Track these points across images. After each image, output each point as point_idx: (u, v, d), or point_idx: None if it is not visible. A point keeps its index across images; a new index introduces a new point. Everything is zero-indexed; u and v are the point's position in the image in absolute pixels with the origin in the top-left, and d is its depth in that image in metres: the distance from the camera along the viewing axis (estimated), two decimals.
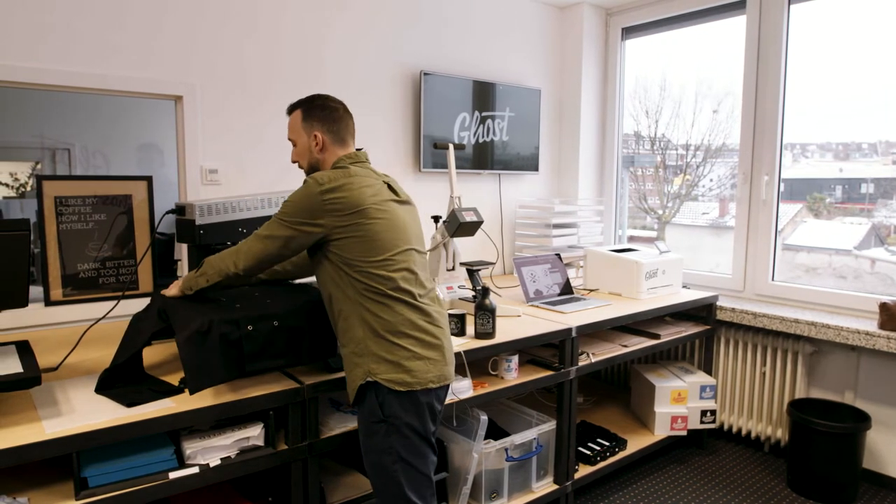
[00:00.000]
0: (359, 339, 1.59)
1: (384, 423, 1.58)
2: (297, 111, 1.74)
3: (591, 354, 2.55)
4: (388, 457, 1.58)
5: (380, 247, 1.60)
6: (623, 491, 2.77)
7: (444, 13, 3.24)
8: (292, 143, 1.77)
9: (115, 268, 2.33)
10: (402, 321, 1.60)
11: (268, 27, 2.63)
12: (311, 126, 1.72)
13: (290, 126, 1.77)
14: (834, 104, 3.02)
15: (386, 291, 1.59)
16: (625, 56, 3.85)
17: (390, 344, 1.58)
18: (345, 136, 1.75)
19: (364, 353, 1.58)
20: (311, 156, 1.73)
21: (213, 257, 1.68)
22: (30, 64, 2.12)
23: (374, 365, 1.57)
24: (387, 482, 1.59)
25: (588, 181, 3.91)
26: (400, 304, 1.60)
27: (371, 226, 1.59)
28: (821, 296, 2.98)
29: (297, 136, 1.75)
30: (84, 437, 1.35)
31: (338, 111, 1.74)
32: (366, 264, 1.58)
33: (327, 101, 1.75)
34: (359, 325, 1.59)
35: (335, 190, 1.57)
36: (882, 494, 2.75)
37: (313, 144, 1.72)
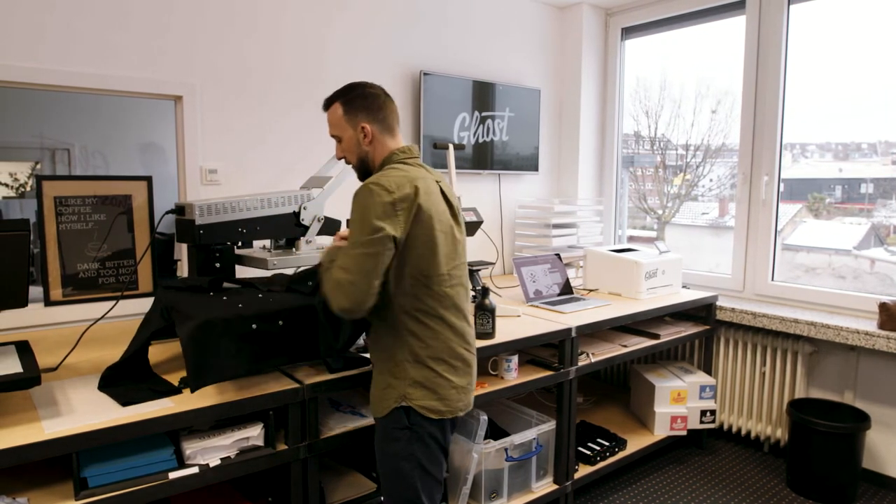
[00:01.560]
0: (398, 361, 1.54)
1: (408, 430, 1.55)
2: (336, 104, 1.62)
3: (591, 354, 2.55)
4: (408, 463, 1.55)
5: (439, 260, 1.52)
6: (623, 491, 2.77)
7: (444, 13, 3.24)
8: (336, 139, 1.66)
9: (114, 268, 2.33)
10: (443, 348, 1.55)
11: (268, 27, 2.63)
12: (355, 118, 1.60)
13: (331, 121, 1.64)
14: (834, 104, 3.02)
15: (437, 311, 1.53)
16: (625, 56, 3.85)
17: (429, 371, 1.54)
18: (392, 124, 1.63)
19: (402, 376, 1.53)
20: (360, 149, 1.62)
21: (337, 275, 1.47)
22: (30, 64, 2.11)
23: (411, 390, 1.53)
24: (403, 487, 1.57)
25: (588, 181, 3.90)
26: (445, 329, 1.56)
27: (433, 235, 1.51)
28: (820, 296, 2.99)
29: (340, 130, 1.63)
30: (84, 437, 1.35)
31: (379, 97, 1.63)
32: (425, 278, 1.51)
33: (367, 89, 1.62)
34: (397, 346, 1.54)
35: (406, 199, 1.47)
36: (882, 494, 2.75)
37: (361, 137, 1.60)
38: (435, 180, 1.61)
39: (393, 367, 1.55)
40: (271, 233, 2.14)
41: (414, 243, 1.50)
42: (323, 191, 2.23)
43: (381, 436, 1.60)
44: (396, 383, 1.54)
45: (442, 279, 1.55)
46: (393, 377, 1.55)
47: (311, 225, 2.19)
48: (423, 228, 1.50)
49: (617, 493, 2.76)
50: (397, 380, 1.54)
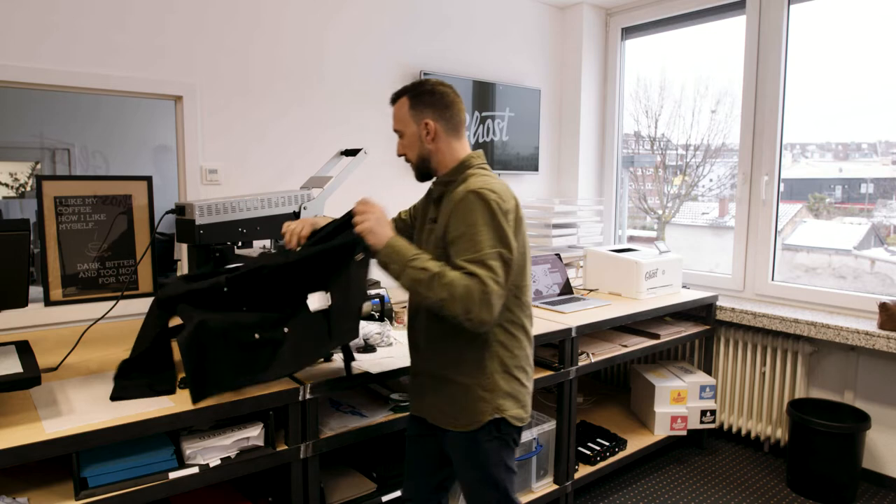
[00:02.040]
0: (489, 374, 1.52)
1: (498, 439, 1.56)
2: (404, 98, 1.58)
3: (591, 354, 2.55)
4: (497, 468, 1.57)
5: (526, 270, 1.54)
6: (623, 491, 2.77)
7: (444, 13, 3.24)
8: (398, 135, 1.61)
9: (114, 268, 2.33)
10: (524, 356, 1.58)
11: (268, 27, 2.63)
12: (420, 113, 1.55)
13: (396, 116, 1.60)
14: (834, 104, 3.02)
15: (521, 321, 1.55)
16: (625, 56, 3.85)
17: (515, 381, 1.56)
18: (458, 125, 1.59)
19: (493, 388, 1.53)
20: (421, 146, 1.57)
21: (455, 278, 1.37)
22: (30, 64, 2.11)
23: (503, 401, 1.54)
24: (495, 492, 1.59)
25: (588, 181, 3.90)
26: (525, 338, 1.58)
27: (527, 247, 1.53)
28: (820, 296, 2.98)
29: (403, 125, 1.58)
30: (84, 437, 1.35)
31: (448, 95, 1.57)
32: (516, 290, 1.52)
33: (436, 86, 1.57)
34: (488, 358, 1.52)
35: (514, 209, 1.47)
36: (882, 494, 2.75)
37: (423, 133, 1.55)
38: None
39: (483, 380, 1.53)
40: (271, 233, 2.14)
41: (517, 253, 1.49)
42: (323, 191, 2.23)
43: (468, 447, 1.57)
44: (489, 396, 1.53)
45: (527, 289, 1.57)
46: (484, 390, 1.53)
47: None
48: (522, 239, 1.51)
49: (617, 493, 2.76)
50: (489, 392, 1.53)
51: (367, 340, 2.05)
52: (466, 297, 1.36)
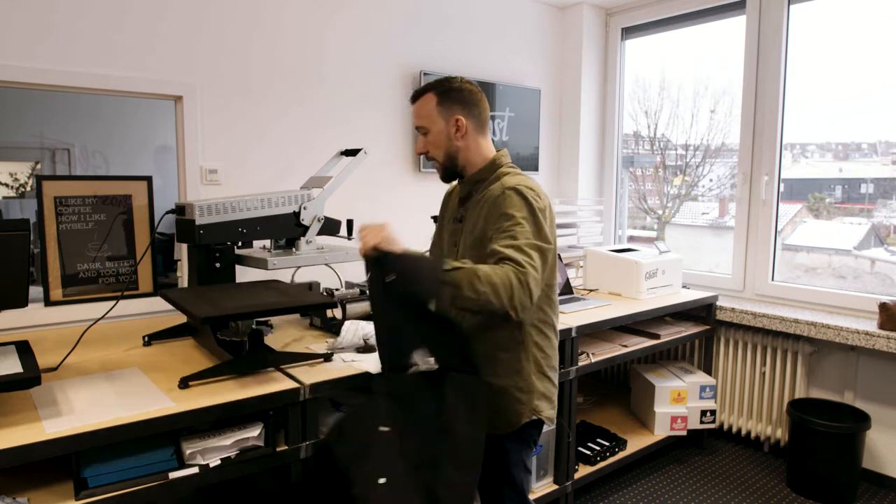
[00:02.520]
0: (525, 375, 1.52)
1: (522, 441, 1.58)
2: (430, 94, 1.54)
3: (591, 354, 2.55)
4: (517, 469, 1.58)
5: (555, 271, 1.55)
6: (623, 491, 2.77)
7: (444, 13, 3.24)
8: (422, 132, 1.57)
9: (114, 268, 2.33)
10: (555, 356, 1.59)
11: (268, 27, 2.63)
12: (449, 110, 1.52)
13: (420, 112, 1.56)
14: (834, 104, 3.02)
15: (552, 321, 1.55)
16: (624, 56, 3.85)
17: (547, 381, 1.57)
18: (485, 123, 1.58)
19: (530, 389, 1.53)
20: (449, 144, 1.54)
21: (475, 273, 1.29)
22: (29, 64, 2.11)
23: (538, 402, 1.54)
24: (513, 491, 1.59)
25: (588, 181, 3.90)
26: (556, 337, 1.60)
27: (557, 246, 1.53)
28: (820, 296, 2.98)
29: (430, 122, 1.54)
30: (84, 437, 1.35)
31: (476, 93, 1.56)
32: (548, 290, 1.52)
33: (464, 83, 1.56)
34: (525, 359, 1.52)
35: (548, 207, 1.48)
36: (882, 494, 2.75)
37: (453, 131, 1.53)
38: None
39: (520, 381, 1.52)
40: (271, 233, 2.14)
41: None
42: (323, 191, 2.23)
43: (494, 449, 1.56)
44: (526, 398, 1.52)
45: (555, 289, 1.57)
46: (521, 391, 1.52)
47: (311, 225, 2.19)
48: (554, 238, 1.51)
49: (617, 493, 2.76)
50: (526, 394, 1.52)
51: (367, 340, 2.05)
52: (507, 283, 1.29)
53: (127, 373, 1.75)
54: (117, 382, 1.67)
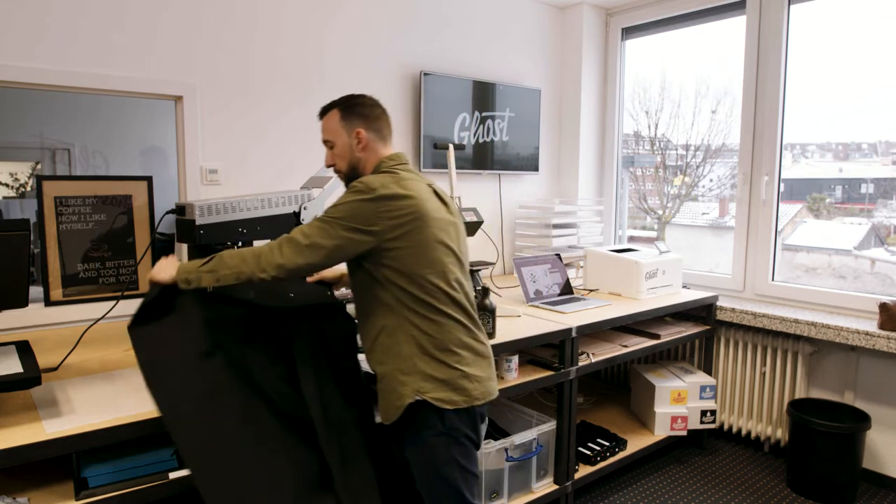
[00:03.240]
0: (406, 357, 1.53)
1: (445, 435, 1.55)
2: (335, 111, 1.67)
3: (591, 354, 2.55)
4: (449, 467, 1.56)
5: (435, 257, 1.54)
6: (623, 491, 2.77)
7: (444, 13, 3.24)
8: (328, 146, 1.69)
9: (114, 268, 2.33)
10: (451, 338, 1.56)
11: (268, 27, 2.63)
12: (351, 124, 1.64)
13: (326, 127, 1.69)
14: (834, 104, 3.02)
15: (438, 306, 1.54)
16: (625, 56, 3.85)
17: (438, 362, 1.54)
18: (386, 134, 1.68)
19: (411, 371, 1.53)
20: (352, 155, 1.66)
21: (229, 253, 1.53)
22: (28, 64, 2.11)
23: (423, 383, 1.52)
24: (448, 492, 1.57)
25: (588, 181, 3.90)
26: (450, 321, 1.56)
27: (427, 234, 1.52)
28: (820, 296, 2.98)
29: (335, 136, 1.67)
30: (84, 437, 1.35)
31: (377, 108, 1.68)
32: (419, 276, 1.52)
33: (365, 100, 1.68)
34: (405, 341, 1.53)
35: (392, 198, 1.49)
36: (882, 494, 2.75)
37: (355, 143, 1.64)
38: (426, 183, 1.64)
39: (402, 364, 1.54)
40: (271, 233, 2.14)
41: (407, 243, 1.51)
42: (323, 191, 2.23)
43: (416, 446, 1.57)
44: (407, 379, 1.53)
45: (437, 274, 1.55)
46: (402, 373, 1.54)
47: None
48: (415, 227, 1.51)
49: (617, 493, 2.75)
50: (407, 375, 1.53)
51: None
52: (257, 252, 1.50)
53: (127, 373, 1.75)
54: (117, 382, 1.67)
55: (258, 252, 1.51)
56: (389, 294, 1.53)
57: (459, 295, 1.60)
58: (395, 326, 1.54)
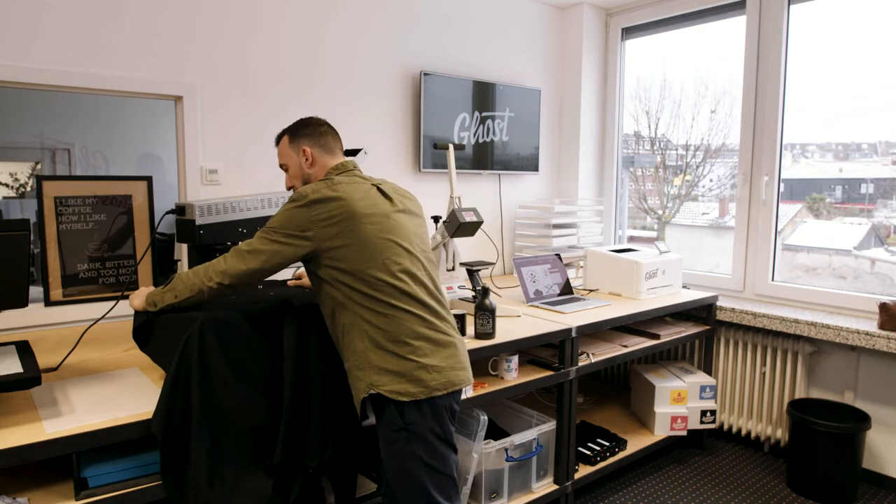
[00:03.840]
0: (360, 352, 1.57)
1: (405, 430, 1.56)
2: (285, 137, 1.79)
3: (591, 354, 2.55)
4: (412, 463, 1.57)
5: (375, 252, 1.57)
6: (623, 491, 2.77)
7: (444, 13, 3.25)
8: (284, 169, 1.80)
9: (114, 268, 2.33)
10: (402, 330, 1.57)
11: (268, 27, 2.63)
12: (298, 144, 1.75)
13: (280, 153, 1.80)
14: (834, 104, 3.02)
15: (385, 299, 1.56)
16: (625, 56, 3.85)
17: (391, 355, 1.55)
18: (332, 147, 1.78)
19: (365, 365, 1.56)
20: (302, 172, 1.76)
21: (184, 273, 1.64)
22: (25, 63, 2.11)
23: (376, 377, 1.55)
24: (412, 488, 1.58)
25: (588, 181, 3.91)
26: (400, 312, 1.57)
27: (363, 231, 1.57)
28: (820, 296, 2.98)
29: (287, 158, 1.78)
30: (84, 437, 1.35)
31: (322, 126, 1.79)
32: (362, 272, 1.56)
33: (311, 120, 1.80)
34: (359, 337, 1.57)
35: (321, 201, 1.56)
36: (882, 494, 2.75)
37: (303, 160, 1.74)
38: (371, 183, 1.69)
39: (356, 360, 1.58)
40: None
41: (344, 241, 1.57)
42: None
43: (381, 440, 1.61)
44: (362, 374, 1.56)
45: (380, 268, 1.58)
46: (358, 369, 1.57)
47: None
48: (348, 226, 1.57)
49: (617, 493, 2.76)
50: (362, 370, 1.57)
51: None
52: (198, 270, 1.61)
53: (127, 373, 1.75)
54: (117, 382, 1.67)
55: (207, 264, 1.62)
56: (340, 293, 1.58)
57: (410, 286, 1.60)
58: (350, 323, 1.59)
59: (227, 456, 1.50)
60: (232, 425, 1.52)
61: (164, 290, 1.66)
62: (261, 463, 1.54)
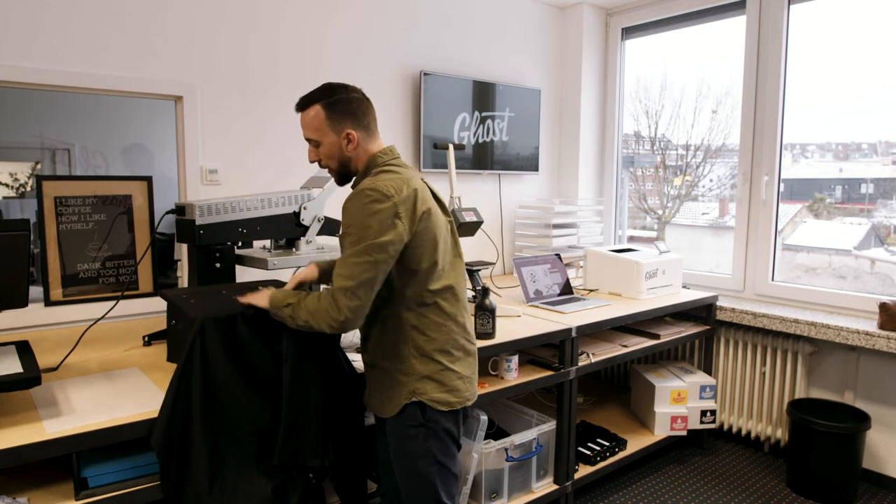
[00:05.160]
0: (403, 358, 1.54)
1: (423, 427, 1.56)
2: (317, 107, 1.54)
3: (591, 354, 2.55)
4: (425, 460, 1.56)
5: (439, 256, 1.53)
6: (623, 491, 2.77)
7: (444, 13, 3.24)
8: (313, 143, 1.58)
9: (114, 268, 2.33)
10: (448, 340, 1.56)
11: (267, 27, 2.63)
12: (339, 124, 1.54)
13: (309, 124, 1.56)
14: (834, 104, 3.02)
15: (440, 305, 1.54)
16: (625, 56, 3.85)
17: (435, 363, 1.55)
18: (374, 128, 1.61)
19: (409, 371, 1.54)
20: (342, 154, 1.57)
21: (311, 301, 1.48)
22: (25, 63, 2.11)
23: (419, 384, 1.54)
24: (421, 485, 1.58)
25: (588, 181, 3.90)
26: (450, 322, 1.56)
27: (433, 233, 1.52)
28: (820, 296, 2.98)
29: (320, 135, 1.55)
30: (84, 437, 1.35)
31: (363, 102, 1.58)
32: (425, 275, 1.52)
33: (348, 92, 1.57)
34: (402, 343, 1.54)
35: (406, 201, 1.46)
36: (882, 494, 2.75)
37: (345, 143, 1.55)
38: (421, 178, 1.61)
39: (399, 365, 1.55)
40: (271, 233, 2.14)
41: (415, 242, 1.50)
42: (323, 191, 2.23)
43: (397, 436, 1.59)
44: (405, 380, 1.55)
45: (441, 274, 1.55)
46: (401, 374, 1.55)
47: (312, 225, 2.20)
48: (423, 227, 1.50)
49: (617, 493, 2.75)
50: (406, 376, 1.55)
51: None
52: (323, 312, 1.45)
53: (127, 373, 1.75)
54: (117, 382, 1.67)
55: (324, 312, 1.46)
56: (395, 294, 1.53)
57: (458, 294, 1.60)
58: (396, 326, 1.55)
59: (228, 459, 1.50)
60: (233, 427, 1.52)
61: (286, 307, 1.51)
62: (261, 466, 1.54)
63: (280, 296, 1.54)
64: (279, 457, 1.55)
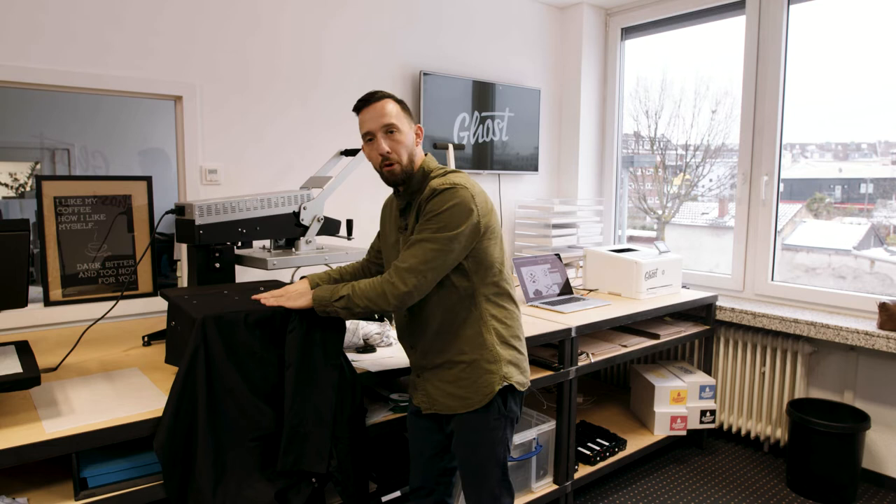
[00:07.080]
0: (489, 346, 1.62)
1: (505, 417, 1.65)
2: (390, 100, 1.63)
3: (591, 354, 2.55)
4: (502, 447, 1.66)
5: (502, 249, 1.67)
6: (623, 491, 2.77)
7: (443, 13, 3.24)
8: (393, 130, 1.60)
9: (114, 268, 2.33)
10: (518, 326, 1.70)
11: (267, 27, 2.63)
12: (410, 118, 1.67)
13: (391, 112, 1.60)
14: (833, 104, 3.02)
15: (510, 293, 1.67)
16: (624, 56, 3.85)
17: (512, 349, 1.66)
18: None
19: (496, 359, 1.62)
20: (412, 148, 1.64)
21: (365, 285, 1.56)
22: (24, 64, 2.11)
23: (507, 369, 1.63)
24: (495, 471, 1.67)
25: (588, 181, 3.91)
26: (516, 309, 1.70)
27: (499, 230, 1.65)
28: (820, 296, 2.99)
29: (402, 123, 1.62)
30: (84, 437, 1.35)
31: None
32: (500, 265, 1.64)
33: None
34: (486, 331, 1.62)
35: (480, 195, 1.59)
36: (881, 494, 2.75)
37: (415, 138, 1.67)
38: None
39: (485, 353, 1.62)
40: (271, 233, 2.14)
41: (487, 236, 1.60)
42: (323, 191, 2.23)
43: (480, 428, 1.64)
44: (494, 367, 1.62)
45: (505, 266, 1.68)
46: (488, 362, 1.62)
47: (311, 225, 2.20)
48: (494, 224, 1.63)
49: (617, 493, 2.76)
50: (494, 364, 1.62)
51: (366, 340, 2.05)
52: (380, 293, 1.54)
53: (127, 373, 1.75)
54: (117, 382, 1.67)
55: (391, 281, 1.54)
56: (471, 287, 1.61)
57: (510, 282, 1.72)
58: (476, 318, 1.62)
59: (231, 464, 1.49)
60: (237, 432, 1.51)
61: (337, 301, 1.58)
62: (265, 471, 1.54)
63: (325, 293, 1.60)
64: (282, 463, 1.55)
